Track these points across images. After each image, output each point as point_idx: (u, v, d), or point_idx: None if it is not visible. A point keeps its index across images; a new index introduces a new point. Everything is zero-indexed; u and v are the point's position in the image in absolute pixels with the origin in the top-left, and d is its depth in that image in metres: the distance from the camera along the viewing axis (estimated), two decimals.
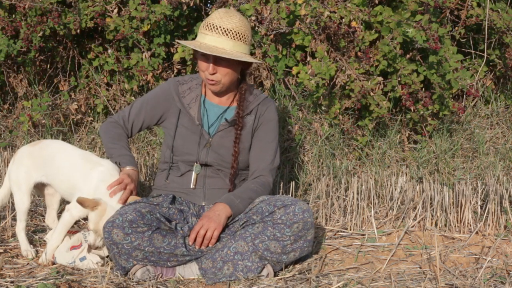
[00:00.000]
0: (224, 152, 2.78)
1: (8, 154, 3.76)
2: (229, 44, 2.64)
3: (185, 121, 2.81)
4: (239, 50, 2.66)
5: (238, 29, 2.65)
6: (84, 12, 3.93)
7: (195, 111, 2.81)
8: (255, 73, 4.10)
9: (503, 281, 2.52)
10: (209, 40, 2.65)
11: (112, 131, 2.86)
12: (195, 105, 2.82)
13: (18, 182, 2.81)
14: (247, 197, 2.69)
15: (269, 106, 2.86)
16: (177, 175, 2.82)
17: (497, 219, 3.05)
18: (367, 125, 3.89)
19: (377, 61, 3.71)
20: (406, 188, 3.33)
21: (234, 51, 2.65)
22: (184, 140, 2.79)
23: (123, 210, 2.54)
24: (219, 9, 2.75)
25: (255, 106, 2.83)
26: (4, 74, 4.25)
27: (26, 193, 2.81)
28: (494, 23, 4.12)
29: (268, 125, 2.85)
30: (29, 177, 2.80)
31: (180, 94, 2.83)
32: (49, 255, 2.71)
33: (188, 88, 2.85)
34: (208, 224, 2.59)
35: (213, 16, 2.68)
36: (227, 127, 2.79)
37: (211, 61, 2.68)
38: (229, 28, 2.64)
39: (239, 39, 2.66)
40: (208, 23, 2.66)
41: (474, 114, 4.42)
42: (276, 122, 2.88)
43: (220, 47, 2.63)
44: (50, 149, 2.82)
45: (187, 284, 2.55)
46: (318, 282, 2.55)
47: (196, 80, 2.88)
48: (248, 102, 2.82)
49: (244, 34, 2.67)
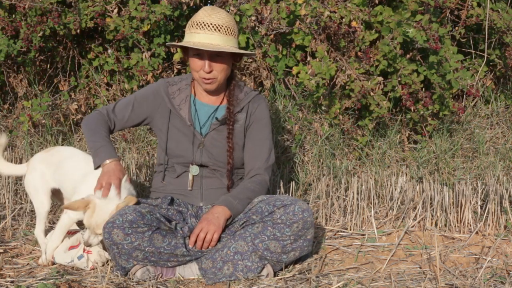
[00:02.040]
0: (217, 151, 2.77)
1: (8, 154, 3.76)
2: (222, 40, 2.64)
3: (176, 122, 2.80)
4: (231, 45, 2.66)
5: (228, 24, 2.66)
6: (84, 12, 3.92)
7: (185, 112, 2.79)
8: (255, 73, 4.10)
9: (503, 281, 2.52)
10: (202, 38, 2.64)
11: (93, 122, 2.79)
12: (185, 105, 2.80)
13: (35, 187, 2.83)
14: (245, 197, 2.69)
15: (260, 103, 2.85)
16: (174, 177, 2.82)
17: (497, 219, 3.05)
18: (367, 125, 3.88)
19: (377, 61, 3.71)
20: (406, 188, 3.33)
21: (228, 46, 2.65)
22: (177, 142, 2.79)
23: (123, 210, 2.54)
24: (204, 7, 2.75)
25: (245, 104, 2.82)
26: (4, 74, 4.25)
27: (45, 195, 2.83)
28: (494, 23, 4.12)
29: (260, 123, 2.83)
30: (45, 181, 2.83)
31: (170, 95, 2.82)
32: (49, 256, 2.72)
33: (177, 89, 2.84)
34: (208, 227, 2.59)
35: (200, 14, 2.68)
36: (218, 126, 2.79)
37: (206, 59, 2.67)
38: (220, 24, 2.64)
39: (230, 34, 2.66)
40: (198, 22, 2.66)
41: (474, 114, 4.42)
42: (268, 119, 2.86)
43: (214, 43, 2.63)
44: (60, 155, 2.86)
45: (187, 284, 2.55)
46: (318, 282, 2.55)
47: (185, 81, 2.86)
48: (238, 99, 2.81)
49: (233, 28, 2.68)
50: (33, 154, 3.84)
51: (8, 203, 3.17)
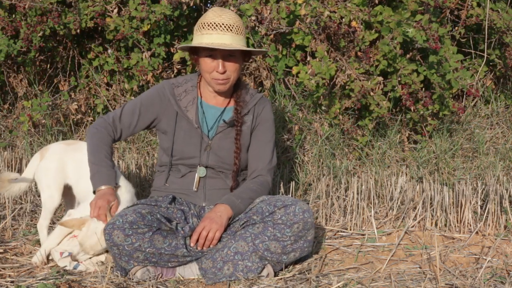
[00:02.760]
0: (224, 154, 2.77)
1: (8, 154, 3.76)
2: (235, 39, 2.64)
3: (183, 124, 2.79)
4: (242, 44, 2.67)
5: (238, 23, 2.67)
6: (84, 12, 3.92)
7: (192, 114, 2.78)
8: (255, 73, 4.10)
9: (503, 281, 2.52)
10: (215, 38, 2.63)
11: (96, 136, 2.74)
12: (192, 107, 2.79)
13: (48, 179, 2.73)
14: (247, 197, 2.70)
15: (265, 105, 2.86)
16: (178, 177, 2.81)
17: (497, 219, 3.05)
18: (367, 125, 3.88)
19: (377, 61, 3.71)
20: (406, 188, 3.33)
21: (240, 45, 2.65)
22: (184, 144, 2.78)
23: (123, 211, 2.54)
24: (212, 8, 2.75)
25: (252, 106, 2.83)
26: (4, 74, 4.25)
27: (57, 190, 2.74)
28: (494, 23, 4.12)
29: (265, 125, 2.84)
30: (61, 175, 2.74)
31: (176, 97, 2.80)
32: (43, 255, 2.67)
33: (184, 90, 2.82)
34: (210, 225, 2.59)
35: (210, 15, 2.67)
36: (225, 128, 2.79)
37: (219, 59, 2.67)
38: (231, 24, 2.64)
39: (241, 33, 2.67)
40: (209, 22, 2.65)
41: (474, 114, 4.42)
42: (272, 122, 2.88)
43: (228, 43, 2.63)
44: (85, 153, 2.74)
45: (187, 284, 2.55)
46: (318, 282, 2.55)
47: (191, 82, 2.84)
48: (244, 102, 2.82)
49: (243, 28, 2.70)
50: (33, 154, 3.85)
51: (8, 203, 3.16)
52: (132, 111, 2.80)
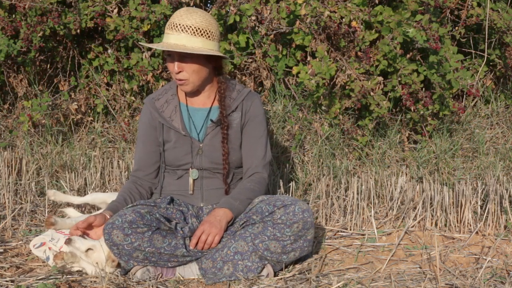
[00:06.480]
0: (216, 155, 2.76)
1: (8, 154, 3.76)
2: (189, 41, 2.61)
3: (171, 134, 2.78)
4: (201, 46, 2.63)
5: (198, 25, 2.62)
6: (84, 12, 3.93)
7: (178, 122, 2.77)
8: (255, 73, 4.10)
9: (503, 281, 2.52)
10: (171, 38, 2.63)
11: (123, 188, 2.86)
12: (176, 116, 2.78)
13: None
14: (245, 198, 2.69)
15: (253, 100, 2.82)
16: (174, 179, 2.82)
17: (497, 219, 3.05)
18: (367, 125, 3.88)
19: (377, 61, 3.71)
20: (406, 188, 3.32)
21: (194, 46, 2.62)
22: (175, 154, 2.78)
23: (122, 211, 2.54)
24: (181, 8, 2.74)
25: (239, 103, 2.79)
26: (4, 74, 4.25)
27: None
28: (494, 22, 4.12)
29: (255, 120, 2.81)
30: None
31: (159, 109, 2.80)
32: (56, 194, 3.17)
33: (165, 101, 2.82)
34: (210, 229, 2.59)
35: (174, 15, 2.67)
36: (214, 128, 2.78)
37: (176, 60, 2.66)
38: (188, 25, 2.62)
39: (200, 35, 2.63)
40: (170, 23, 2.66)
41: (474, 114, 4.42)
42: (263, 116, 2.84)
43: (180, 44, 2.61)
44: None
45: (187, 284, 2.55)
46: (318, 282, 2.55)
47: (170, 91, 2.84)
48: (231, 99, 2.79)
49: (206, 29, 2.64)
50: (33, 154, 3.85)
51: (8, 203, 3.16)
52: (140, 152, 2.86)
